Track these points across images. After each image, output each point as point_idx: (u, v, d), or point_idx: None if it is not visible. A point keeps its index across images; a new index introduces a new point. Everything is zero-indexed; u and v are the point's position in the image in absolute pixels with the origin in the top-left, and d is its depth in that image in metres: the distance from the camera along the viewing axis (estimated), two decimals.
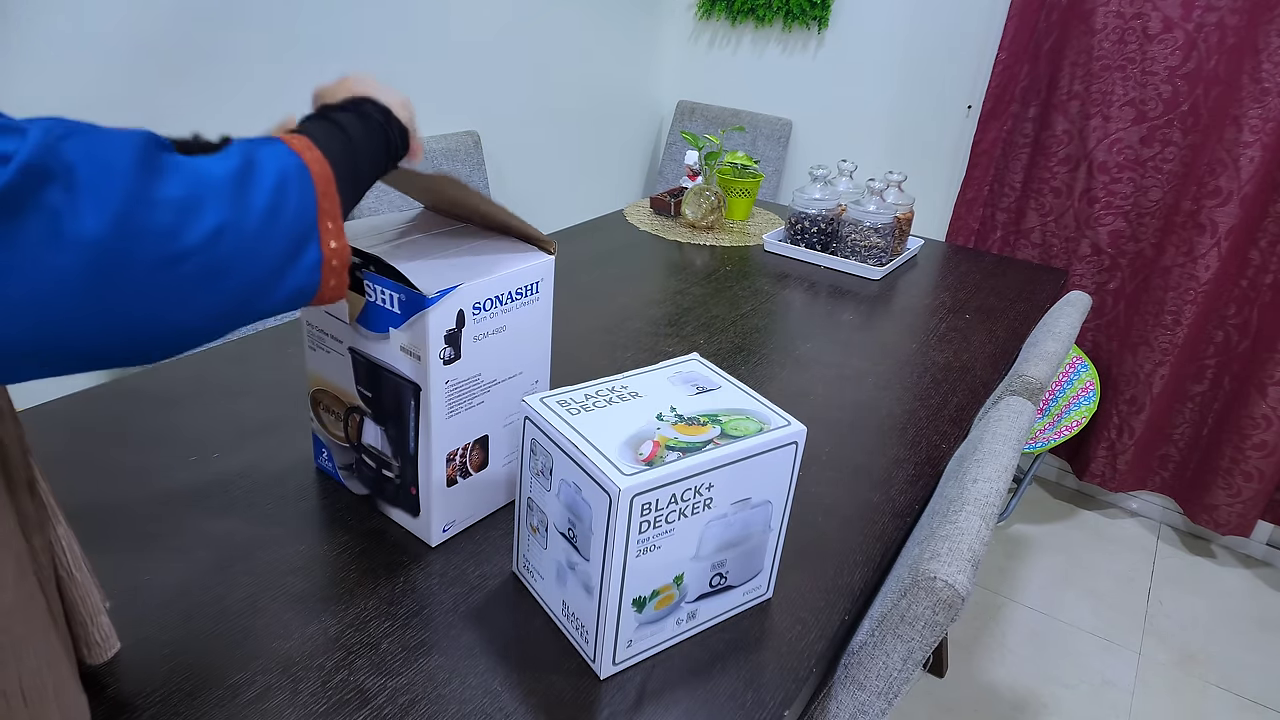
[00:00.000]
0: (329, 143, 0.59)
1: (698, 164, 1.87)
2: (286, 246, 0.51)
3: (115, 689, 0.63)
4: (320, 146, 0.57)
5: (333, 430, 0.85)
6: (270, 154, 0.52)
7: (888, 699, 0.73)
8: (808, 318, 1.42)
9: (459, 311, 0.72)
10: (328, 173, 0.55)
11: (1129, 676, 1.73)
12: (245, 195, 0.48)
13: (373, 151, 0.64)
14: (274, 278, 0.51)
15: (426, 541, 0.81)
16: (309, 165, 0.54)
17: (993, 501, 0.75)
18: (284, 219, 0.51)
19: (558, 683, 0.67)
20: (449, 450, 0.77)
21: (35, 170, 0.39)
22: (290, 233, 0.52)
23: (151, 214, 0.43)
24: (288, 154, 0.53)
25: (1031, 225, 2.18)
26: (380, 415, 0.79)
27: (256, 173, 0.50)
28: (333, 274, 0.55)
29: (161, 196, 0.44)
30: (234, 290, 0.48)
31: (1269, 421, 1.91)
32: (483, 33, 2.08)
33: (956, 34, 2.25)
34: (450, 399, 0.75)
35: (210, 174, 0.47)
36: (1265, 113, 1.77)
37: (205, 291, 0.47)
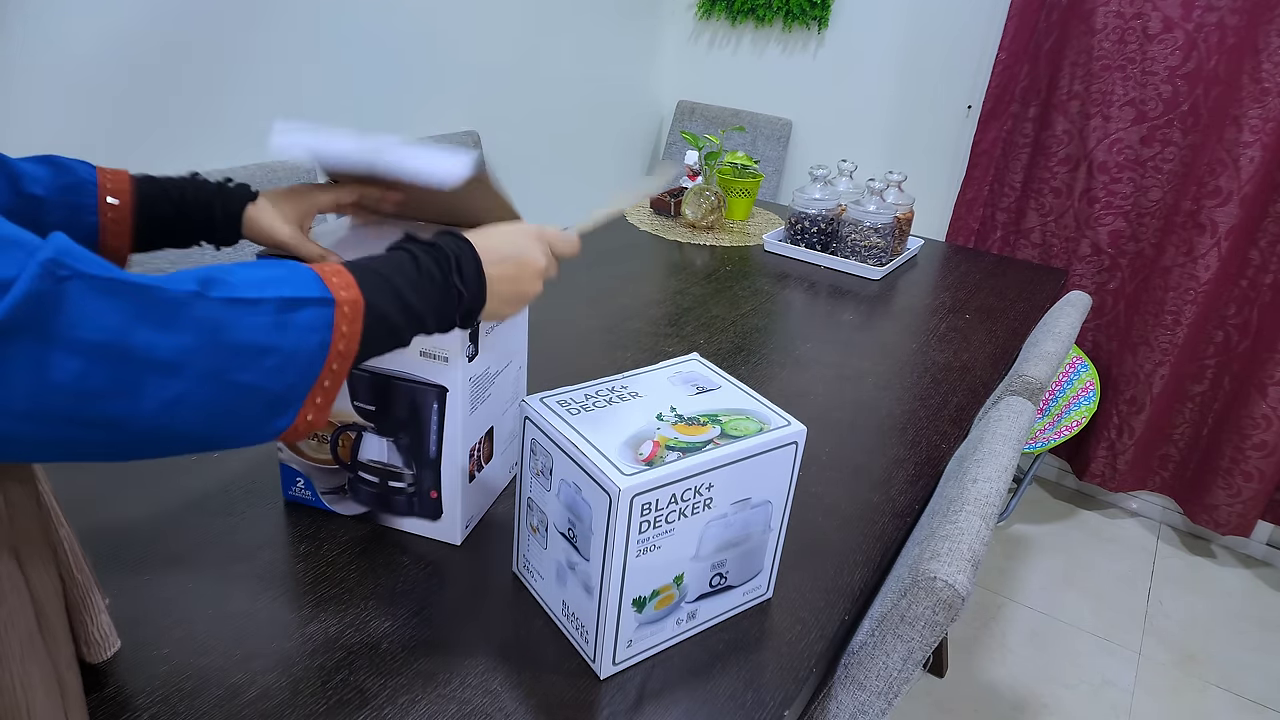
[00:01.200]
0: (387, 314, 0.55)
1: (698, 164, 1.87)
2: (252, 414, 0.49)
3: (115, 689, 0.63)
4: (367, 319, 0.53)
5: (315, 455, 0.82)
6: (303, 328, 0.49)
7: (888, 699, 0.73)
8: (808, 318, 1.42)
9: None
10: (352, 351, 0.52)
11: (1129, 676, 1.73)
12: (236, 372, 0.46)
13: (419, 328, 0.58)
14: (219, 435, 0.48)
15: (451, 542, 0.81)
16: (334, 344, 0.51)
17: (993, 501, 0.75)
18: (266, 394, 0.48)
19: (558, 683, 0.67)
20: (471, 444, 0.78)
21: (22, 313, 0.39)
22: (265, 405, 0.49)
23: (117, 373, 0.42)
24: (322, 330, 0.50)
25: (1031, 225, 2.18)
26: (388, 427, 0.78)
27: (268, 353, 0.48)
28: (293, 434, 0.52)
29: (137, 357, 0.43)
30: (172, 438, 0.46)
31: (1269, 421, 1.91)
32: (482, 32, 2.08)
33: (956, 34, 2.25)
34: (471, 396, 0.76)
35: (216, 342, 0.45)
36: (1265, 113, 1.77)
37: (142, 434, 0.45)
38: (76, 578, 0.57)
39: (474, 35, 2.06)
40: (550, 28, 2.28)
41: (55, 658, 0.52)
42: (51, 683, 0.51)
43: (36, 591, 0.50)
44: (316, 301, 0.50)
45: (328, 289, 0.51)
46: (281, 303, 0.49)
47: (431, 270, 0.58)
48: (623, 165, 2.78)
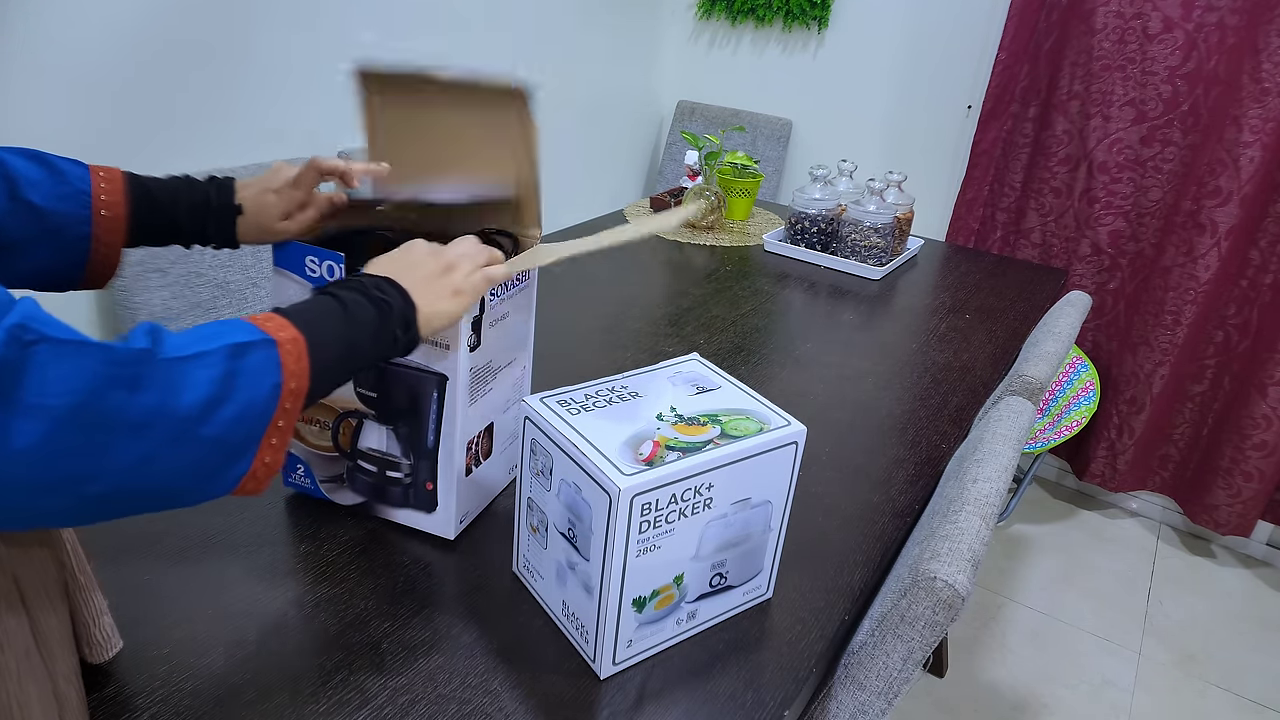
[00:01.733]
0: (327, 347, 0.57)
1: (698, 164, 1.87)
2: (214, 465, 0.50)
3: (116, 689, 0.63)
4: (312, 356, 0.55)
5: (315, 442, 0.83)
6: (252, 373, 0.50)
7: (888, 699, 0.73)
8: (808, 318, 1.42)
9: (482, 297, 0.72)
10: (303, 389, 0.54)
11: (1129, 676, 1.73)
12: (197, 426, 0.47)
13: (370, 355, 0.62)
14: (183, 489, 0.49)
15: (444, 536, 0.81)
16: (285, 384, 0.52)
17: (993, 501, 0.75)
18: (226, 445, 0.49)
19: (558, 683, 0.67)
20: (470, 437, 0.78)
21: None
22: (225, 454, 0.50)
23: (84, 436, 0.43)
24: (271, 371, 0.52)
25: (1031, 225, 2.18)
26: (389, 415, 0.78)
27: (224, 403, 0.49)
28: (253, 482, 0.53)
29: (104, 419, 0.43)
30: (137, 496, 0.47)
31: (1269, 421, 1.91)
32: (482, 32, 2.08)
33: (956, 34, 2.25)
34: (472, 387, 0.76)
35: (175, 401, 0.46)
36: (1265, 113, 1.77)
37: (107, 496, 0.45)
38: (79, 579, 0.57)
39: (474, 35, 2.06)
40: (550, 28, 2.28)
41: (54, 673, 0.52)
42: (49, 699, 0.51)
43: (34, 609, 0.50)
44: (260, 344, 0.52)
45: (264, 332, 0.53)
46: (228, 350, 0.50)
47: (354, 298, 0.61)
48: (623, 165, 2.78)
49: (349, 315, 0.59)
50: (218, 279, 1.54)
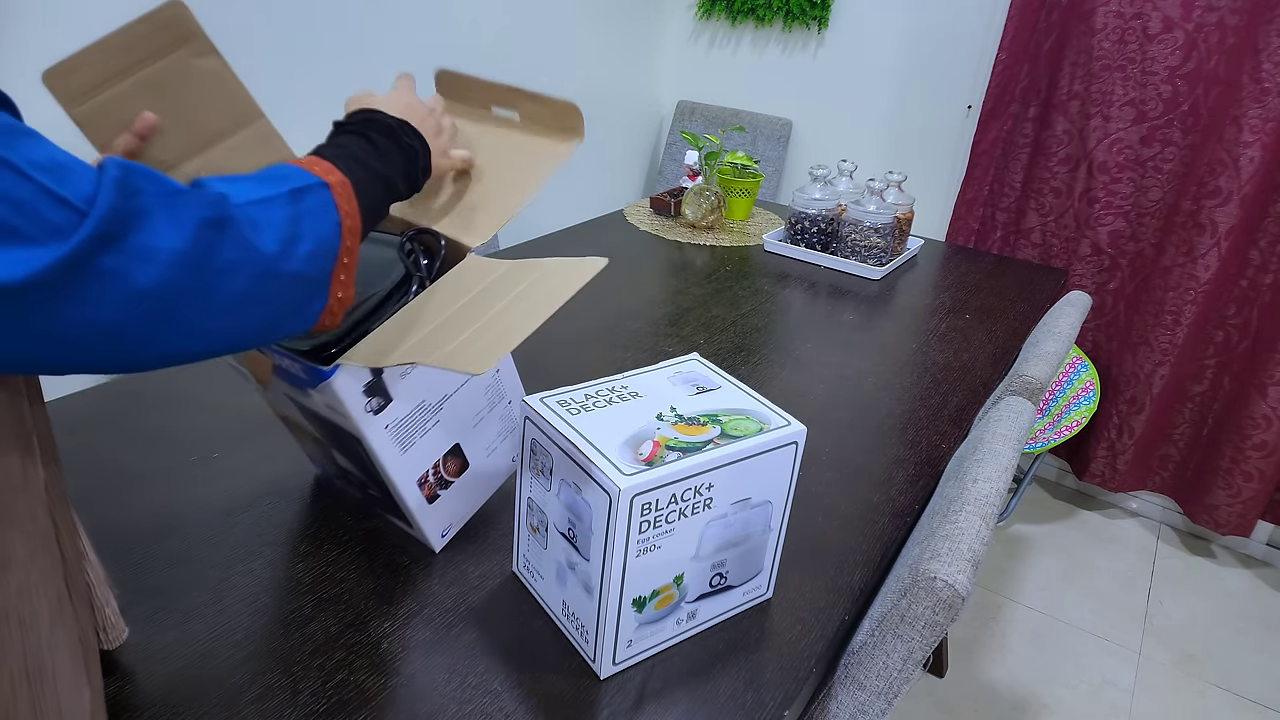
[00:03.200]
0: (369, 191, 0.61)
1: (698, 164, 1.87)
2: (298, 299, 0.53)
3: (116, 688, 0.63)
4: (359, 197, 0.59)
5: (312, 450, 0.84)
6: (315, 213, 0.54)
7: (888, 699, 0.73)
8: (808, 318, 1.42)
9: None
10: (357, 226, 0.57)
11: (1129, 676, 1.73)
12: (280, 263, 0.51)
13: (396, 195, 0.66)
14: (275, 323, 0.53)
15: (431, 548, 0.80)
16: (343, 222, 0.56)
17: (993, 501, 0.75)
18: (306, 280, 0.53)
19: (558, 683, 0.67)
20: (417, 477, 0.75)
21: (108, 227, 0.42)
22: (307, 289, 0.53)
23: (191, 278, 0.46)
24: (330, 210, 0.55)
25: (1031, 225, 2.18)
26: (341, 450, 0.77)
27: (299, 241, 0.52)
28: (329, 316, 0.57)
29: (205, 264, 0.46)
30: (236, 334, 0.50)
31: (1269, 421, 1.91)
32: (482, 33, 2.08)
33: (956, 34, 2.25)
34: (399, 438, 0.72)
35: (258, 242, 0.49)
36: (1265, 113, 1.77)
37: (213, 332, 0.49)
38: (91, 558, 0.58)
39: (474, 35, 2.06)
40: (550, 28, 2.28)
41: (80, 618, 0.52)
42: (76, 647, 0.51)
43: (67, 550, 0.51)
44: (315, 187, 0.55)
45: (316, 175, 0.56)
46: (289, 195, 0.53)
47: (383, 141, 0.65)
48: (623, 165, 2.78)
49: (383, 157, 0.63)
50: None
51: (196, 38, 0.66)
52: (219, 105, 0.68)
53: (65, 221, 0.40)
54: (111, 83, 0.64)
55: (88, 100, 0.63)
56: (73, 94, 0.63)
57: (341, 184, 0.57)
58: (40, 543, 0.48)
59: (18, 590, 0.47)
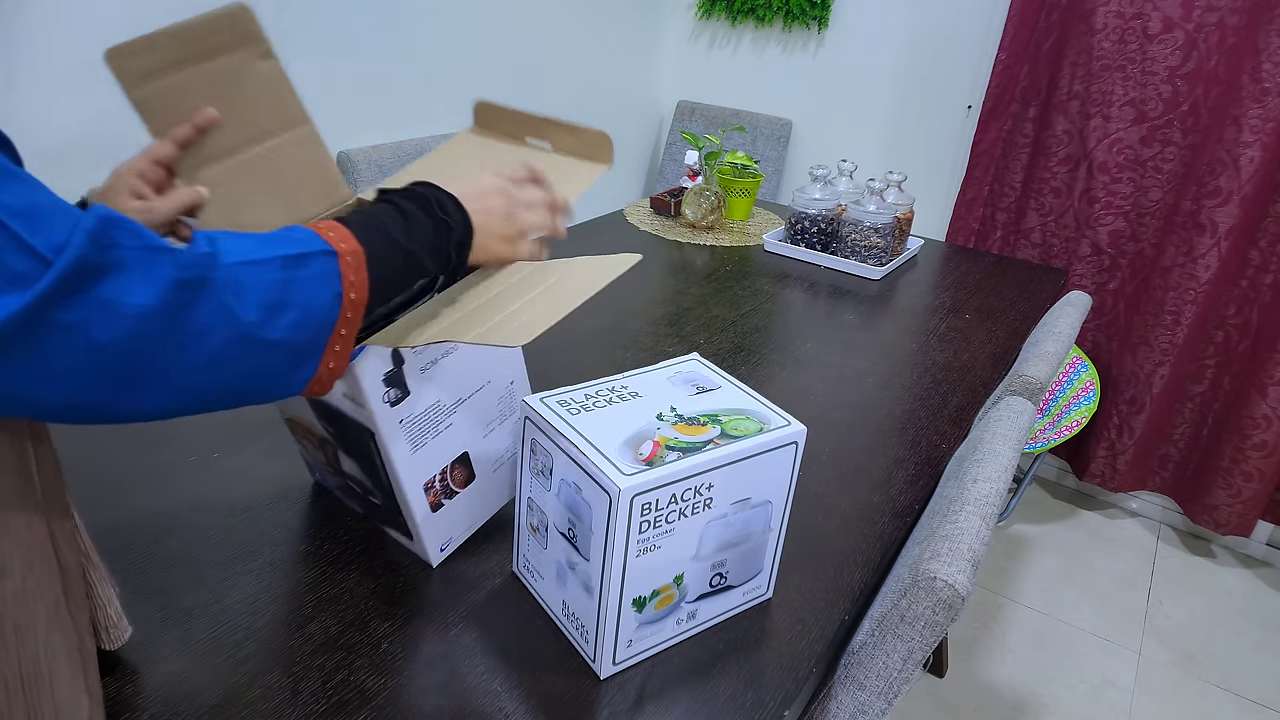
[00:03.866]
0: (385, 261, 0.57)
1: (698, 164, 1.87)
2: (280, 367, 0.51)
3: (116, 688, 0.63)
4: (371, 268, 0.55)
5: (314, 456, 0.83)
6: (312, 281, 0.52)
7: (888, 699, 0.73)
8: (808, 318, 1.42)
9: (393, 351, 0.67)
10: (363, 299, 0.55)
11: (1129, 676, 1.73)
12: (261, 329, 0.49)
13: (422, 272, 0.62)
14: (253, 388, 0.51)
15: (428, 562, 0.78)
16: (345, 294, 0.53)
17: (993, 501, 0.75)
18: (290, 348, 0.51)
19: (558, 683, 0.67)
20: (424, 481, 0.74)
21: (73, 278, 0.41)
22: (291, 357, 0.51)
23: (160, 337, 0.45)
24: (331, 280, 0.53)
25: (1031, 225, 2.18)
26: (348, 450, 0.76)
27: (285, 309, 0.50)
28: (318, 385, 0.54)
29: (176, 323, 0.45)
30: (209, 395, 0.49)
31: (1269, 421, 1.91)
32: (483, 32, 2.08)
33: (956, 34, 2.25)
34: (411, 435, 0.71)
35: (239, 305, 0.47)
36: (1265, 113, 1.77)
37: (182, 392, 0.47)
38: (93, 559, 0.58)
39: (473, 35, 2.06)
40: (550, 28, 2.28)
41: (79, 626, 0.52)
42: (74, 653, 0.51)
43: (65, 560, 0.51)
44: (319, 254, 0.53)
45: (326, 242, 0.54)
46: (286, 260, 0.51)
47: (416, 213, 0.61)
48: (623, 165, 2.78)
49: (409, 228, 0.60)
50: None
51: (259, 40, 0.68)
52: (271, 107, 0.70)
53: (28, 270, 0.39)
54: (174, 70, 0.65)
55: (149, 85, 0.65)
56: (135, 76, 0.65)
57: (353, 253, 0.55)
58: (37, 552, 0.48)
59: (14, 597, 0.46)
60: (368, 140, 1.88)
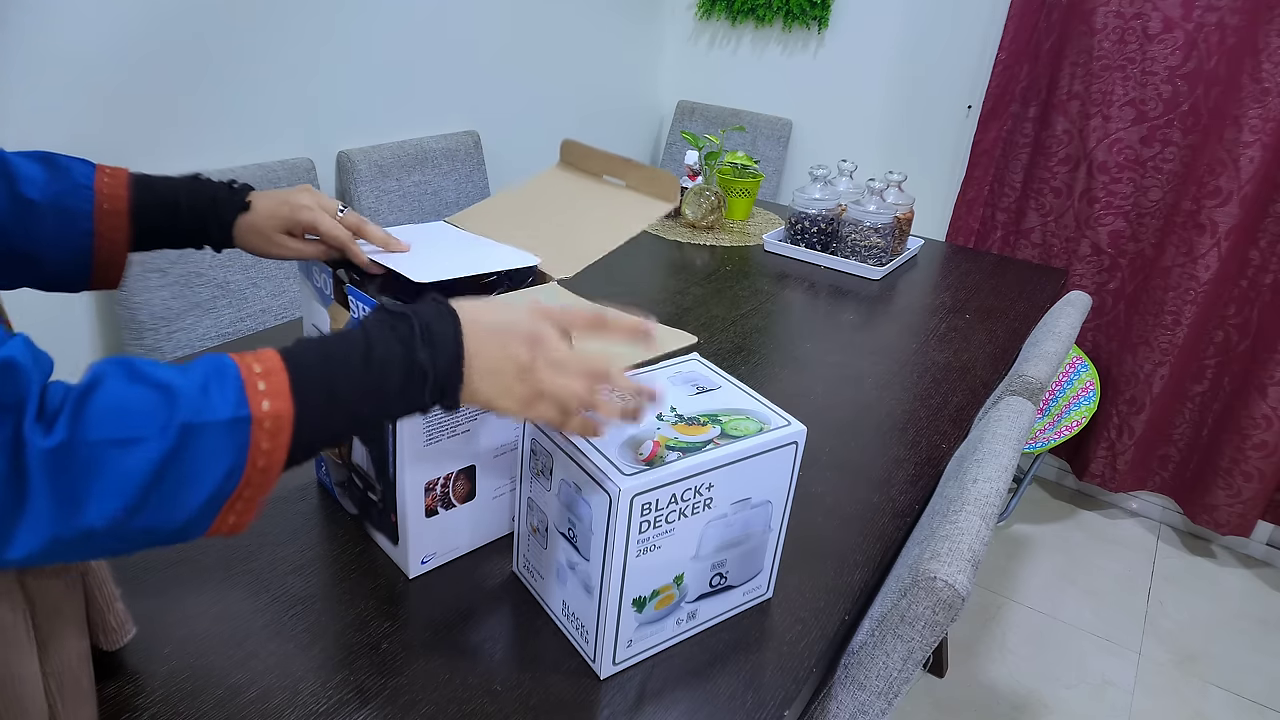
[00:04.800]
0: (326, 417, 0.48)
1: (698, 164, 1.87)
2: (164, 534, 0.44)
3: (116, 688, 0.63)
4: (297, 430, 0.46)
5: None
6: (207, 457, 0.43)
7: (888, 699, 0.73)
8: (808, 318, 1.42)
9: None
10: (277, 463, 0.46)
11: (1129, 676, 1.73)
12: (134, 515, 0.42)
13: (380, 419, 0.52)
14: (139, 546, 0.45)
15: (404, 572, 0.77)
16: (252, 461, 0.45)
17: (993, 501, 0.75)
18: (167, 528, 0.44)
19: (558, 683, 0.67)
20: (428, 479, 0.73)
21: None
22: (171, 530, 0.44)
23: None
24: (234, 453, 0.44)
25: (1031, 225, 2.18)
26: (366, 435, 0.76)
27: (161, 488, 0.42)
28: (218, 533, 0.47)
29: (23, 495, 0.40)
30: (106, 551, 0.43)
31: (1269, 421, 1.91)
32: (482, 32, 2.08)
33: (956, 34, 2.25)
34: (428, 427, 0.71)
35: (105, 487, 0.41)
36: (1265, 113, 1.77)
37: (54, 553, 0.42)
38: (92, 566, 0.58)
39: (474, 35, 2.06)
40: (550, 28, 2.28)
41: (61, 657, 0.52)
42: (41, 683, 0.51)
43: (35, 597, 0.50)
44: (228, 424, 0.44)
45: (247, 404, 0.44)
46: (179, 430, 0.42)
47: (386, 354, 0.50)
48: None
49: (368, 373, 0.49)
50: (218, 279, 1.54)
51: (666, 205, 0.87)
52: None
53: None
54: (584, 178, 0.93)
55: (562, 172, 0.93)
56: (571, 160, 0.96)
57: (275, 417, 0.45)
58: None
59: None
60: (368, 140, 1.88)
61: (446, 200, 2.03)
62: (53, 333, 1.43)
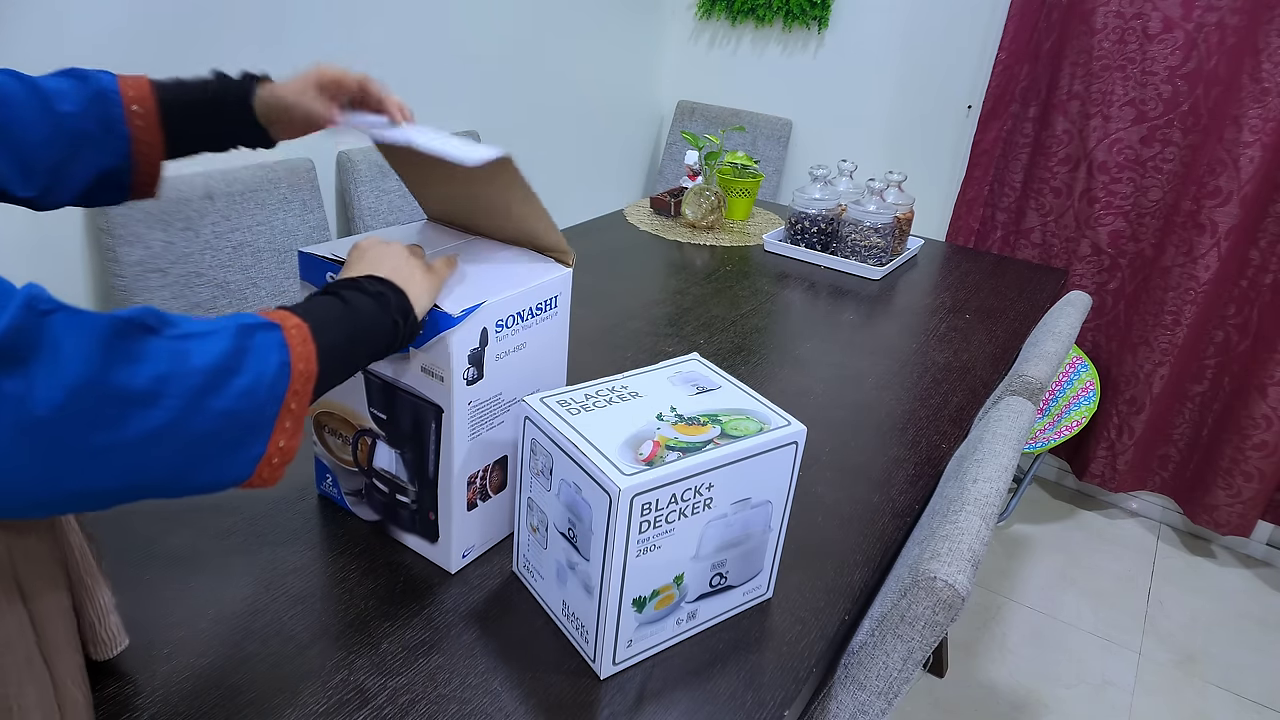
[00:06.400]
0: (330, 332, 0.57)
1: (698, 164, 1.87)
2: (229, 441, 0.49)
3: (116, 689, 0.63)
4: (317, 340, 0.55)
5: (339, 454, 0.82)
6: (260, 349, 0.51)
7: (888, 699, 0.73)
8: (808, 318, 1.42)
9: (482, 330, 0.69)
10: (311, 371, 0.54)
11: (1129, 676, 1.73)
12: (208, 397, 0.47)
13: (374, 343, 0.62)
14: (201, 467, 0.48)
15: (445, 568, 0.78)
16: (294, 364, 0.52)
17: (993, 501, 0.75)
18: (240, 419, 0.49)
19: (558, 683, 0.67)
20: (471, 473, 0.75)
21: (7, 345, 0.40)
22: (240, 430, 0.49)
23: (100, 406, 0.43)
24: (278, 349, 0.52)
25: (1031, 225, 2.18)
26: (396, 438, 0.76)
27: (235, 374, 0.49)
28: (269, 469, 0.52)
29: (117, 388, 0.43)
30: (155, 474, 0.46)
31: (1269, 421, 1.91)
32: (483, 32, 2.08)
33: (956, 34, 2.25)
34: (473, 420, 0.72)
35: (184, 368, 0.46)
36: (1265, 113, 1.77)
37: (126, 471, 0.45)
38: (85, 581, 0.57)
39: (474, 35, 2.06)
40: (550, 28, 2.28)
41: (57, 674, 0.52)
42: (50, 704, 0.51)
43: (37, 611, 0.50)
44: (265, 326, 0.52)
45: (269, 319, 0.54)
46: (235, 330, 0.50)
47: (350, 293, 0.61)
48: (623, 165, 2.78)
49: (349, 306, 0.60)
50: (218, 279, 1.54)
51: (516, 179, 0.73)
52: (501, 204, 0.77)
53: None
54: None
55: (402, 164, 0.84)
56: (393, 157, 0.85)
57: (297, 326, 0.54)
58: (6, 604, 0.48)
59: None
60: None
61: None
62: None
